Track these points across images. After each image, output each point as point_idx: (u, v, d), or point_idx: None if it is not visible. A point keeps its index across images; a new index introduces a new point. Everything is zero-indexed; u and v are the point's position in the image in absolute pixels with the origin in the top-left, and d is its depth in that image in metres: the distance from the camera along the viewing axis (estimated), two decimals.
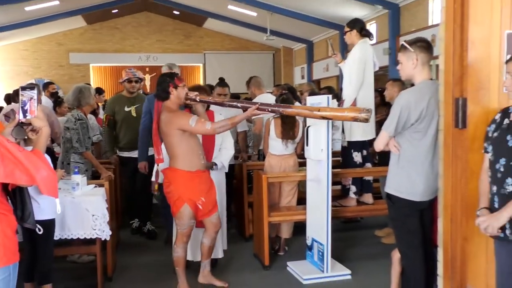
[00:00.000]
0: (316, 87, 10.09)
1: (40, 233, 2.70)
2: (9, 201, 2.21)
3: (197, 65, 19.23)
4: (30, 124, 2.15)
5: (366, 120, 3.24)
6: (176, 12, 17.91)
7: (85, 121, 4.19)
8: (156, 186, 3.69)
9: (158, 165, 3.58)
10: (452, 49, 2.62)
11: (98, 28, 18.51)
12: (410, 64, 2.84)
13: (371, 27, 14.06)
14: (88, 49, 18.42)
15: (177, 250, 3.55)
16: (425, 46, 2.86)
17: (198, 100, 3.44)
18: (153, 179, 3.77)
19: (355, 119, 3.25)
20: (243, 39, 19.41)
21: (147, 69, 17.83)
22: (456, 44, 2.60)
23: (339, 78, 15.49)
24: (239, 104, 3.56)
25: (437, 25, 10.74)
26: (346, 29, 4.34)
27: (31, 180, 2.00)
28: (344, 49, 15.32)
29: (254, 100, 4.93)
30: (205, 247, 3.68)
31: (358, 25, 4.27)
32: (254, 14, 15.80)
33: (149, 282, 3.99)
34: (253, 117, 4.31)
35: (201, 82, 17.65)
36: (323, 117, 3.43)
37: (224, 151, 4.03)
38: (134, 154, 4.75)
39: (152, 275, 4.12)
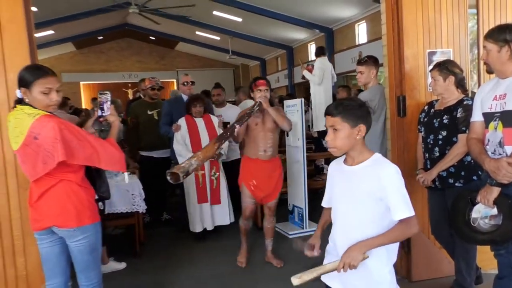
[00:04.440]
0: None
1: (102, 209, 2.72)
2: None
3: (171, 81, 19.20)
4: (106, 119, 2.32)
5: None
6: (152, 38, 17.82)
7: None
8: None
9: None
10: (393, 63, 3.11)
11: (86, 52, 18.09)
12: (371, 74, 3.31)
13: (311, 47, 14.66)
14: (78, 69, 17.98)
15: (240, 223, 3.59)
16: (377, 61, 3.35)
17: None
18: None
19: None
20: (208, 59, 19.51)
21: (129, 85, 17.59)
22: (396, 59, 3.09)
23: (288, 87, 16.06)
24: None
25: (363, 44, 11.52)
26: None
27: (103, 163, 2.12)
28: (291, 64, 15.95)
29: (241, 104, 5.25)
30: (264, 228, 3.64)
31: (316, 48, 4.73)
32: (218, 38, 15.99)
33: (172, 245, 4.26)
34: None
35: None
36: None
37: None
38: (154, 153, 4.68)
39: (173, 241, 4.39)
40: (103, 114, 2.29)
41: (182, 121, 4.18)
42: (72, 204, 2.07)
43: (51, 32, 13.74)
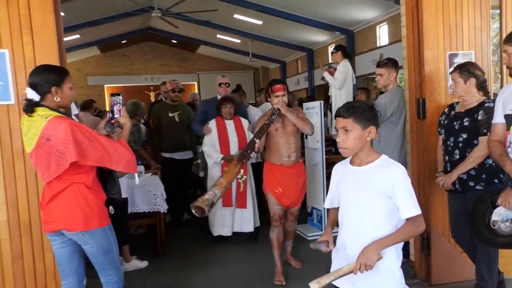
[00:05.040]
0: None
1: (112, 213, 2.48)
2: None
3: (192, 83, 19.44)
4: (117, 121, 2.29)
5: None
6: (174, 41, 18.09)
7: (139, 126, 4.55)
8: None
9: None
10: (413, 65, 3.10)
11: (110, 55, 18.50)
12: (390, 76, 3.31)
13: (332, 50, 14.56)
14: (102, 73, 18.43)
15: (270, 235, 3.39)
16: (397, 64, 3.35)
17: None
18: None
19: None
20: (229, 61, 19.66)
21: (151, 88, 17.99)
22: (416, 62, 3.09)
23: (308, 90, 16.03)
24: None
25: (384, 46, 11.41)
26: (333, 51, 4.80)
27: (114, 164, 2.13)
28: (311, 67, 15.93)
29: (262, 106, 5.27)
30: (287, 231, 3.53)
31: (342, 48, 4.74)
32: (238, 41, 16.13)
33: (192, 245, 4.33)
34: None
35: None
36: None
37: None
38: (175, 155, 4.77)
39: (194, 241, 4.47)
40: (115, 116, 2.30)
41: (212, 123, 4.16)
42: (80, 208, 2.08)
43: (77, 36, 14.13)
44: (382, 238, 1.68)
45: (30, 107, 2.04)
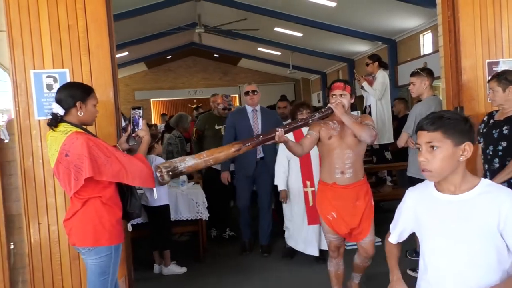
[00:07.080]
0: None
1: (130, 230, 2.59)
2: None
3: (234, 96, 19.83)
4: (137, 134, 2.33)
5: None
6: (216, 55, 18.65)
7: (182, 138, 4.79)
8: None
9: None
10: (450, 74, 3.12)
11: (156, 71, 19.33)
12: (423, 85, 3.34)
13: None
14: (148, 87, 19.29)
15: (328, 266, 2.93)
16: (431, 72, 3.37)
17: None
18: None
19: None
20: (270, 74, 19.93)
21: (194, 101, 18.53)
22: (453, 70, 3.10)
23: None
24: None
25: (428, 54, 11.17)
26: (369, 61, 4.83)
27: (130, 179, 2.13)
28: (352, 78, 15.80)
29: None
30: (354, 263, 2.95)
31: (378, 58, 4.78)
32: (279, 53, 16.35)
33: (234, 253, 4.37)
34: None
35: None
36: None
37: None
38: (218, 166, 4.25)
39: (233, 249, 4.49)
40: (136, 130, 2.33)
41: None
42: (92, 225, 2.11)
43: (126, 53, 14.95)
44: (498, 286, 1.35)
45: (54, 121, 2.11)
